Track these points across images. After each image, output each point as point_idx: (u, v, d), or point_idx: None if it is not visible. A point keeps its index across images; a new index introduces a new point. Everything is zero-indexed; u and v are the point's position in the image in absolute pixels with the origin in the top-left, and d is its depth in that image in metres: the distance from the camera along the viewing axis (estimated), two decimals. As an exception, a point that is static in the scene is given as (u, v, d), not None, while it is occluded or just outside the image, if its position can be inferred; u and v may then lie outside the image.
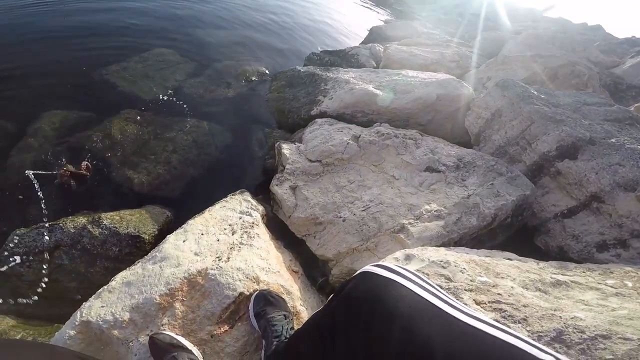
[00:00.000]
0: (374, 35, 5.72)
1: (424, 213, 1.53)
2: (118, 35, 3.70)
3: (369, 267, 0.61)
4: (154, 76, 3.01)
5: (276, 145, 2.05)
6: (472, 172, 1.79)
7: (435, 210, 1.53)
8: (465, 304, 0.67)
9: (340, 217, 1.54)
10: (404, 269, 0.59)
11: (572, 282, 0.94)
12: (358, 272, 0.62)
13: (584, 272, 1.12)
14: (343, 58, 4.07)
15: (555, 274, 1.01)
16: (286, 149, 1.92)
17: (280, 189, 1.67)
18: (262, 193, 1.87)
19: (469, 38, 6.16)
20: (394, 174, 1.77)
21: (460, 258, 1.02)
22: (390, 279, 0.56)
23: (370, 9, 9.08)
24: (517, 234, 1.83)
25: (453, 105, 2.53)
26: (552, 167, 1.87)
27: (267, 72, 3.45)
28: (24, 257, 1.55)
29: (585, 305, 0.82)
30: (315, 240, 1.53)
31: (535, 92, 2.26)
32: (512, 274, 0.96)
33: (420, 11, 9.53)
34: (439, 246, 1.36)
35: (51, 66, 3.04)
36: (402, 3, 9.88)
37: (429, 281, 0.58)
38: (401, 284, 0.54)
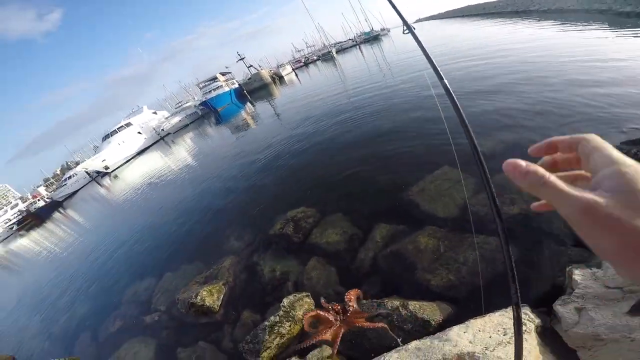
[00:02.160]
0: None
1: None
2: (411, 157, 5.28)
3: None
4: (445, 194, 3.91)
5: (567, 269, 2.10)
6: None
7: None
8: None
9: (630, 337, 1.41)
10: None
11: None
12: None
13: None
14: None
15: None
16: (578, 274, 1.95)
17: (562, 309, 1.75)
18: (545, 306, 1.97)
19: None
20: None
21: None
22: None
23: None
24: None
25: None
26: None
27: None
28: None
29: None
30: (588, 352, 1.50)
31: None
32: None
33: None
34: None
35: (375, 186, 4.86)
36: None
37: None
38: None
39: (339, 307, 2.55)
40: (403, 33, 1.72)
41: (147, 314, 4.46)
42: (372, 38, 65.76)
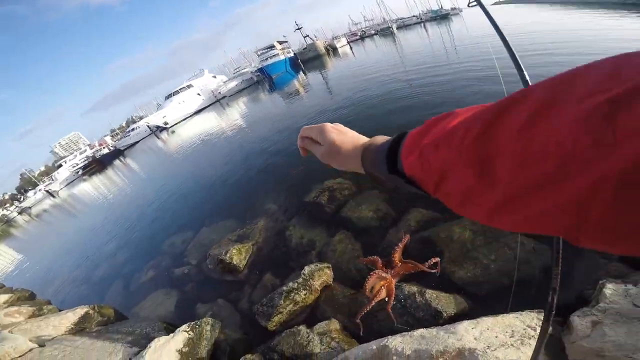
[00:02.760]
0: None
1: None
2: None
3: None
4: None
5: (600, 282, 1.92)
6: None
7: None
8: None
9: (632, 358, 1.35)
10: None
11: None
12: None
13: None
14: None
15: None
16: (610, 288, 1.79)
17: (579, 320, 1.63)
18: (562, 315, 1.81)
19: None
20: None
21: None
22: None
23: None
24: None
25: None
26: None
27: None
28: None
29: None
30: (583, 367, 1.37)
31: None
32: None
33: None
34: None
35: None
36: None
37: None
38: None
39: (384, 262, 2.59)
40: (468, 6, 1.60)
41: (178, 267, 4.85)
42: (441, 17, 60.85)
